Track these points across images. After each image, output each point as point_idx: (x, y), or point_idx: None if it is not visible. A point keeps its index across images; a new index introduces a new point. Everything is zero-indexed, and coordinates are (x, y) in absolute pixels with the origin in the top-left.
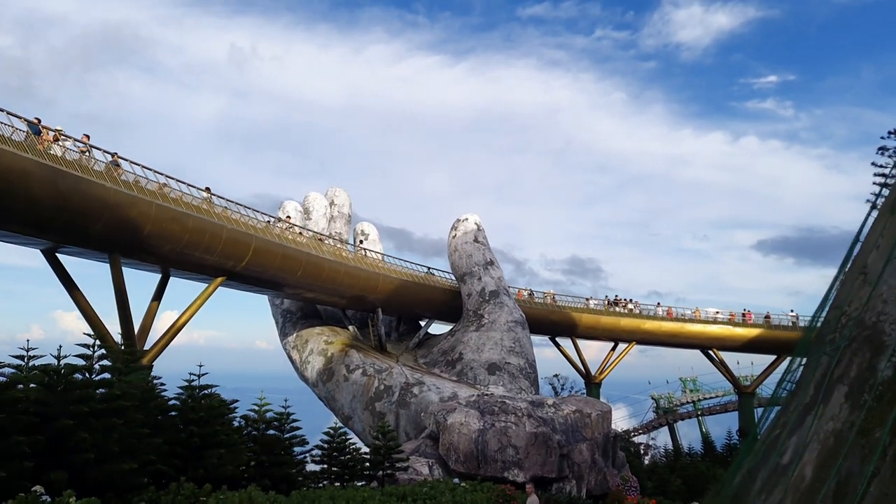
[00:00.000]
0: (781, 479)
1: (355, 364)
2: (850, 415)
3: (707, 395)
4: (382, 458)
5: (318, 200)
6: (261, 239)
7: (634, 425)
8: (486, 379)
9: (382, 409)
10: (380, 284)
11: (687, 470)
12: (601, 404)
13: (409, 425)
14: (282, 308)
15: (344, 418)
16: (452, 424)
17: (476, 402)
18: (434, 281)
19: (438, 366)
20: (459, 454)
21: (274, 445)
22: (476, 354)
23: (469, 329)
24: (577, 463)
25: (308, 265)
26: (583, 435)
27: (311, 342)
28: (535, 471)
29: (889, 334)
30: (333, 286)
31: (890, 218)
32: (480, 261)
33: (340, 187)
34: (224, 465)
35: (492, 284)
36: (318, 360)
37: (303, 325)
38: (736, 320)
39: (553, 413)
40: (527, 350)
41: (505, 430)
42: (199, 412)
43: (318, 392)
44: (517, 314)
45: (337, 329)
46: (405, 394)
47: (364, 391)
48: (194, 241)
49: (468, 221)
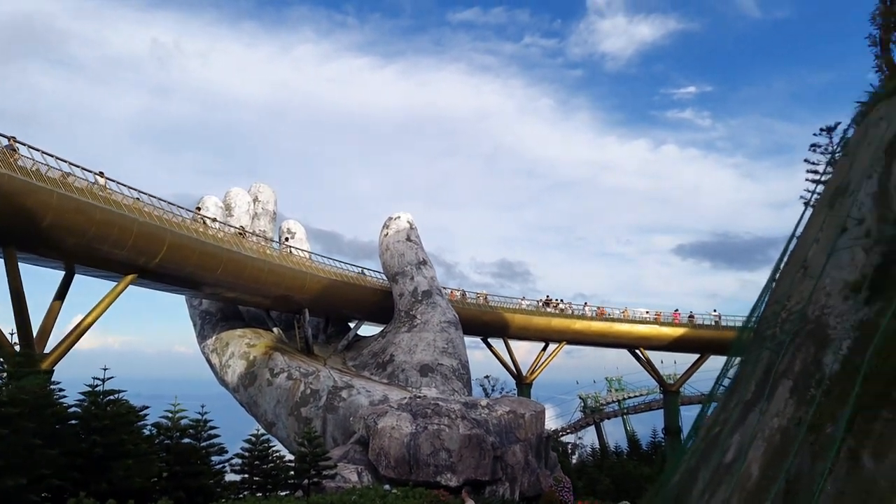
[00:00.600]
0: (726, 478)
1: (280, 367)
2: (796, 410)
3: (631, 394)
4: (308, 465)
5: (240, 196)
6: (176, 234)
7: (562, 425)
8: (419, 381)
9: (309, 415)
10: (307, 284)
11: (615, 469)
12: (534, 404)
13: (338, 431)
14: (200, 309)
15: (267, 425)
16: (383, 428)
17: (408, 404)
18: (365, 281)
19: (368, 368)
20: (390, 459)
21: (189, 455)
22: (408, 356)
23: (401, 330)
24: (511, 465)
25: (229, 262)
26: (516, 436)
27: (231, 345)
28: (468, 474)
29: (833, 327)
30: (256, 285)
31: (829, 212)
32: (413, 260)
33: (265, 183)
34: (132, 477)
35: (424, 284)
36: (239, 363)
37: (223, 326)
38: (662, 320)
39: (487, 414)
40: (460, 351)
41: (438, 433)
42: (104, 420)
43: (239, 397)
44: (450, 314)
45: (260, 331)
46: (333, 398)
47: (289, 396)
48: (102, 234)
49: (400, 220)
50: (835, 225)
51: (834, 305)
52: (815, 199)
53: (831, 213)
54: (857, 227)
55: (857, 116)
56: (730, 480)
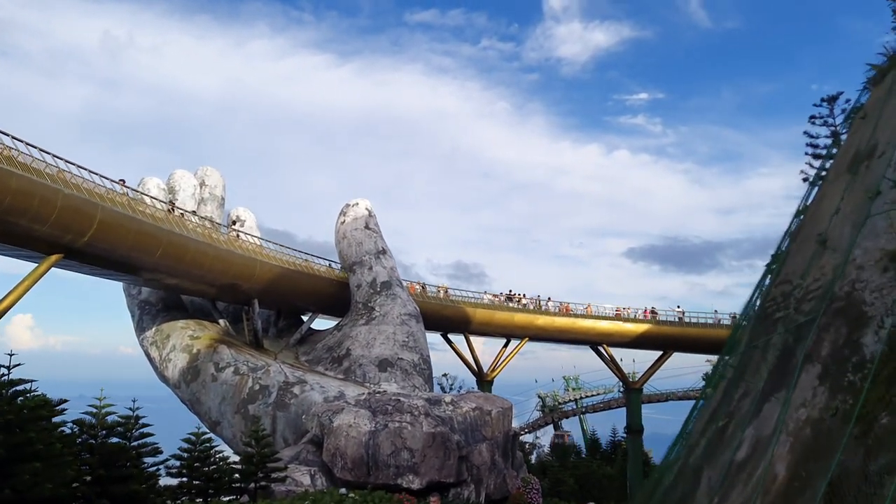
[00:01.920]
0: (740, 478)
1: (226, 361)
2: (830, 399)
3: (588, 392)
4: (255, 467)
5: (185, 179)
6: (109, 210)
7: (520, 424)
8: (377, 376)
9: (257, 412)
10: (256, 272)
11: (579, 468)
12: (501, 401)
13: (289, 430)
14: (139, 299)
15: (211, 424)
16: (339, 426)
17: (367, 400)
18: (319, 270)
19: (323, 363)
20: (347, 460)
21: (117, 456)
22: (366, 350)
23: (358, 323)
24: (477, 465)
25: (170, 245)
26: (482, 434)
27: (173, 337)
28: (431, 476)
29: (870, 303)
30: (201, 271)
31: (851, 179)
32: (371, 249)
33: (213, 167)
34: (40, 482)
35: (384, 275)
36: (181, 357)
37: (164, 318)
38: (624, 316)
39: (451, 411)
40: (421, 345)
41: (399, 431)
42: (7, 415)
43: (181, 394)
44: (411, 307)
45: (205, 323)
46: (284, 394)
47: (236, 392)
48: (19, 206)
49: (359, 206)
50: (862, 191)
51: (869, 279)
52: (822, 174)
53: (854, 180)
54: (894, 190)
55: (873, 79)
56: (746, 481)
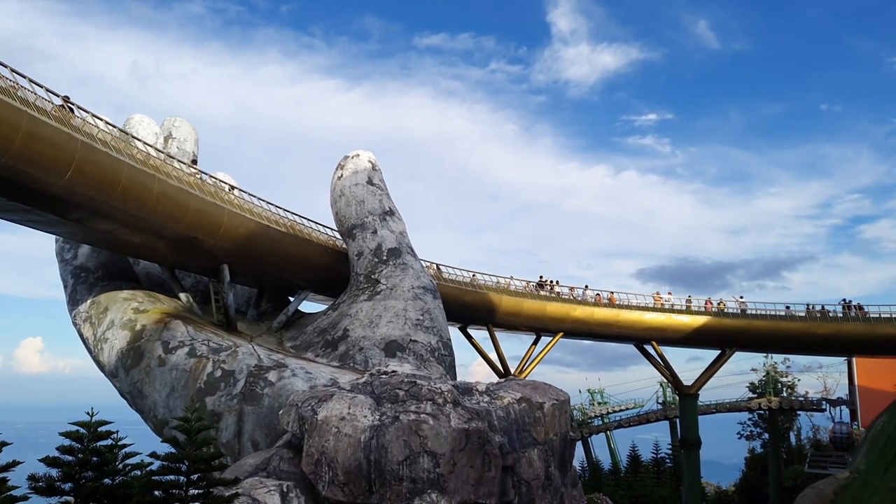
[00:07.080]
0: None
1: (179, 340)
2: None
3: (615, 408)
4: (184, 477)
5: (144, 125)
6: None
7: None
8: (383, 362)
9: (218, 407)
10: (224, 224)
11: (634, 490)
12: (556, 391)
13: (260, 431)
14: (74, 265)
15: (158, 424)
16: (327, 419)
17: (368, 384)
18: (311, 234)
19: (313, 348)
20: (337, 470)
21: None
22: (368, 330)
23: (359, 299)
24: (527, 480)
25: (87, 163)
26: (532, 436)
27: (112, 311)
28: (465, 495)
29: None
30: (140, 212)
31: None
32: (376, 209)
33: (185, 119)
34: None
35: (391, 240)
36: (120, 335)
37: (104, 287)
38: (677, 307)
39: (488, 403)
40: (440, 325)
41: (416, 426)
42: None
43: (119, 385)
44: (426, 279)
45: (158, 295)
46: (255, 382)
47: (189, 380)
48: None
49: (360, 158)
50: None
51: None
52: None
53: None
54: None
55: None
56: None
